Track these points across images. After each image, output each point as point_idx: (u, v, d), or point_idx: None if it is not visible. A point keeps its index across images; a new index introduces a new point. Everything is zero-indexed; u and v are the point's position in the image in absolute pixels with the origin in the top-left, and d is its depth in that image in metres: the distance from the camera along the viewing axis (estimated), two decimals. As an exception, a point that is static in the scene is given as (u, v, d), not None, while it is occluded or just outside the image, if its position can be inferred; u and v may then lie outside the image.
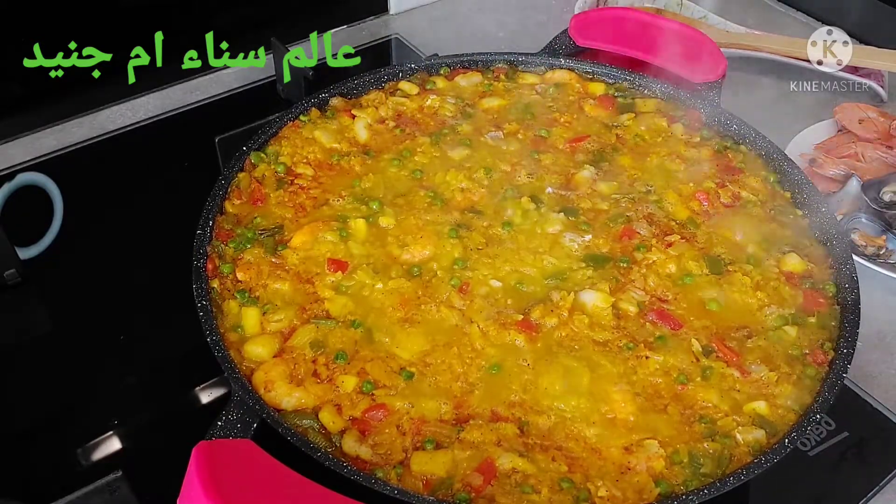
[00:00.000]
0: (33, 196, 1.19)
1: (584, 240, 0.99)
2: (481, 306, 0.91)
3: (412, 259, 0.96)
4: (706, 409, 0.83)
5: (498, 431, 0.80)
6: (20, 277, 1.05)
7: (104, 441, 0.91)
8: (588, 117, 1.18)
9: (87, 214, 1.16)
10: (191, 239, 0.93)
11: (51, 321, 1.07)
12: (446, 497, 0.75)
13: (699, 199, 1.05)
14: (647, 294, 0.93)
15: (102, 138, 1.30)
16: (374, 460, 0.78)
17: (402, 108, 1.17)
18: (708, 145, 1.13)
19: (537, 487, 0.76)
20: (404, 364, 0.86)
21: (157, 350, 1.00)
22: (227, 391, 0.95)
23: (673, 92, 1.19)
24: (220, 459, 0.68)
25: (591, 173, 1.08)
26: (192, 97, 1.38)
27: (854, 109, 1.33)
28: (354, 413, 0.81)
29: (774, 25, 1.59)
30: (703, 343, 0.88)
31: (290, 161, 1.07)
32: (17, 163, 1.24)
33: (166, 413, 0.94)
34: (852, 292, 0.92)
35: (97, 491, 0.83)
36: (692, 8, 1.56)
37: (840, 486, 0.91)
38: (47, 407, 0.95)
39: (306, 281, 0.93)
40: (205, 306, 0.86)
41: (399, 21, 1.60)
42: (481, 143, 1.12)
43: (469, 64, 1.25)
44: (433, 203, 1.03)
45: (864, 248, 1.11)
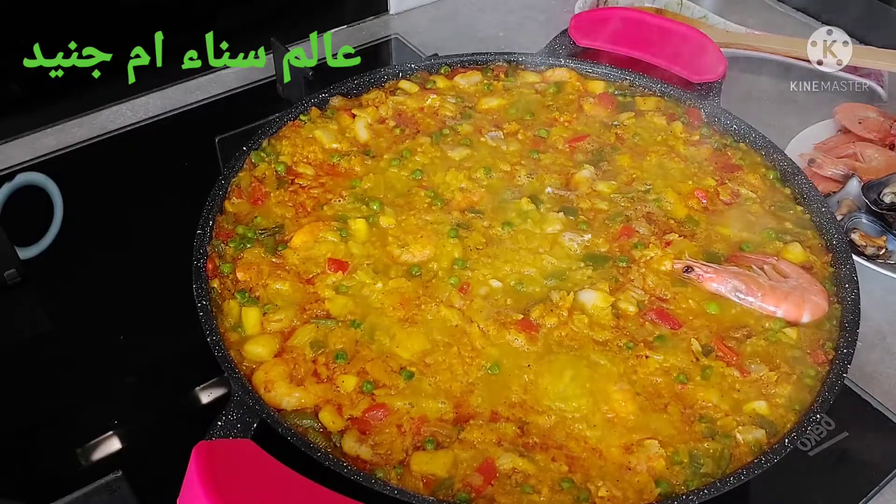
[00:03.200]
0: (33, 196, 1.19)
1: (583, 239, 0.99)
2: (481, 306, 0.91)
3: (412, 259, 0.96)
4: (706, 408, 0.83)
5: (498, 431, 0.80)
6: (20, 277, 1.05)
7: (104, 441, 0.91)
8: (588, 116, 1.18)
9: (87, 214, 1.16)
10: (191, 239, 0.93)
11: (51, 321, 1.07)
12: (446, 497, 0.75)
13: (698, 197, 1.05)
14: (646, 293, 0.93)
15: (102, 138, 1.30)
16: (374, 460, 0.78)
17: (402, 107, 1.17)
18: (707, 143, 1.13)
19: (537, 487, 0.76)
20: (404, 364, 0.86)
21: (157, 350, 1.00)
22: (227, 391, 0.94)
23: (673, 90, 1.19)
24: (220, 459, 0.68)
25: (590, 173, 1.08)
26: (192, 97, 1.38)
27: (854, 109, 1.33)
28: (354, 413, 0.81)
29: (774, 25, 1.59)
30: (703, 342, 0.88)
31: (290, 160, 1.07)
32: (17, 163, 1.24)
33: (166, 413, 0.94)
34: (852, 292, 0.92)
35: (97, 491, 0.83)
36: (692, 8, 1.56)
37: (840, 486, 0.91)
38: (47, 407, 0.95)
39: (306, 281, 0.93)
40: (205, 306, 0.86)
41: (399, 21, 1.60)
42: (481, 143, 1.12)
43: (469, 64, 1.25)
44: (433, 203, 1.03)
45: (864, 248, 1.11)
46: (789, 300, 0.91)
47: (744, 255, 0.98)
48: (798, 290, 0.92)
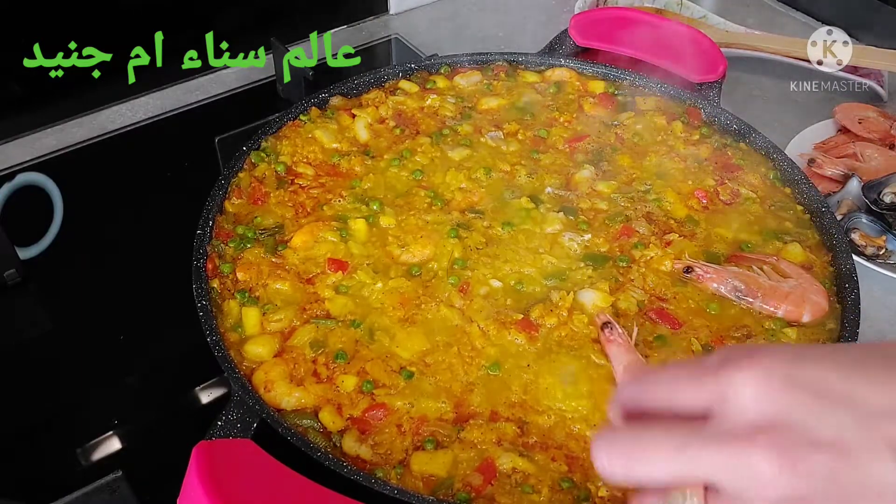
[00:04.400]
0: (33, 196, 1.19)
1: (583, 239, 0.99)
2: (481, 306, 0.91)
3: (412, 259, 0.96)
4: (706, 408, 0.83)
5: (498, 431, 0.80)
6: (20, 277, 1.05)
7: (104, 441, 0.91)
8: (588, 116, 1.18)
9: (87, 214, 1.16)
10: (191, 239, 0.93)
11: (51, 321, 1.07)
12: (446, 497, 0.75)
13: (698, 197, 1.05)
14: (646, 293, 0.93)
15: (102, 138, 1.30)
16: (374, 460, 0.78)
17: (402, 107, 1.17)
18: (707, 143, 1.13)
19: (537, 487, 0.76)
20: (404, 364, 0.86)
21: (157, 350, 1.00)
22: (227, 391, 0.94)
23: (673, 90, 1.20)
24: (220, 459, 0.68)
25: (590, 173, 1.08)
26: (192, 97, 1.38)
27: (854, 109, 1.33)
28: (354, 413, 0.81)
29: (774, 25, 1.59)
30: (703, 342, 0.88)
31: (290, 160, 1.07)
32: (17, 163, 1.24)
33: (166, 413, 0.94)
34: (852, 292, 0.92)
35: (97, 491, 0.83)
36: (692, 8, 1.56)
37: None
38: (47, 407, 0.95)
39: (306, 281, 0.93)
40: (205, 306, 0.87)
41: (399, 21, 1.60)
42: (481, 144, 1.12)
43: (469, 64, 1.25)
44: (433, 203, 1.03)
45: (864, 248, 1.11)
46: (789, 300, 0.91)
47: (744, 255, 0.98)
48: (798, 290, 0.92)
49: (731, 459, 0.41)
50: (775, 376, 0.41)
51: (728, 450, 0.41)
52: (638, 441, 0.44)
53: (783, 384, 0.41)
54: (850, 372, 0.42)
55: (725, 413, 0.42)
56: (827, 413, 0.40)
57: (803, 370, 0.42)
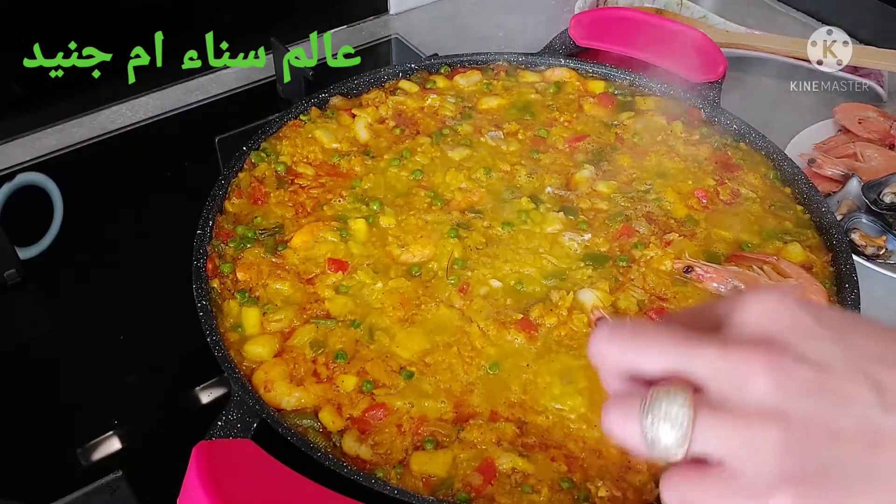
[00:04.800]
0: (33, 196, 1.19)
1: (583, 239, 0.99)
2: (481, 306, 0.91)
3: (412, 259, 0.96)
4: (706, 408, 0.83)
5: (498, 431, 0.80)
6: (20, 277, 1.05)
7: (104, 441, 0.91)
8: (588, 116, 1.18)
9: (87, 214, 1.16)
10: (191, 239, 0.93)
11: (51, 321, 1.07)
12: (446, 497, 0.75)
13: (698, 197, 1.05)
14: (646, 293, 0.93)
15: (102, 138, 1.30)
16: (374, 460, 0.78)
17: (402, 107, 1.17)
18: (707, 143, 1.13)
19: (537, 487, 0.76)
20: (404, 363, 0.86)
21: (157, 350, 1.00)
22: (227, 391, 0.94)
23: (673, 90, 1.20)
24: (220, 459, 0.68)
25: (590, 173, 1.08)
26: (192, 97, 1.38)
27: (854, 109, 1.33)
28: (354, 413, 0.81)
29: (774, 25, 1.59)
30: (703, 343, 0.88)
31: (290, 160, 1.07)
32: (17, 163, 1.24)
33: (166, 413, 0.94)
34: (852, 292, 0.92)
35: (97, 491, 0.83)
36: (692, 8, 1.56)
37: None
38: (47, 407, 0.95)
39: (306, 281, 0.93)
40: (205, 306, 0.87)
41: (399, 21, 1.60)
42: (481, 143, 1.12)
43: (469, 64, 1.25)
44: (433, 203, 1.03)
45: (864, 248, 1.11)
46: (789, 300, 0.91)
47: (744, 255, 0.98)
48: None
49: (725, 362, 0.43)
50: (787, 300, 0.44)
51: (724, 353, 0.43)
52: (640, 331, 0.46)
53: (792, 306, 0.44)
54: (856, 325, 0.45)
55: (731, 323, 0.45)
56: (824, 340, 0.43)
57: (815, 306, 0.45)
